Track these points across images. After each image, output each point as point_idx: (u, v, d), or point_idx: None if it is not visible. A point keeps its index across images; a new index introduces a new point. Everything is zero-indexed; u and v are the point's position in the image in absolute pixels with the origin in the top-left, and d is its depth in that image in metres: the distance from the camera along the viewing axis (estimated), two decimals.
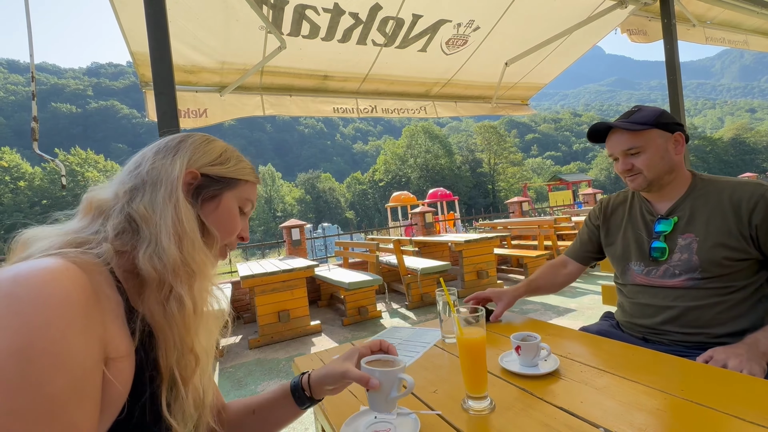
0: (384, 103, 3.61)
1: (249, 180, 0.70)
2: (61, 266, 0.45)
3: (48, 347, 0.39)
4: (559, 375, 0.81)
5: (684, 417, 0.62)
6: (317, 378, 0.71)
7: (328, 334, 4.01)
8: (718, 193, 1.08)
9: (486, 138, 53.94)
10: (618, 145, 1.14)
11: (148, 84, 2.67)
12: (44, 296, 0.41)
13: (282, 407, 0.73)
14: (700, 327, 1.04)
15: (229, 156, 0.68)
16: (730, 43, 3.83)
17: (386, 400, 0.65)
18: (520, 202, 7.94)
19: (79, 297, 0.44)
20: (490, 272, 5.17)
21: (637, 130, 1.10)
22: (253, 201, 0.71)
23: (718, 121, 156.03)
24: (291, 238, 5.88)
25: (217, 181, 0.65)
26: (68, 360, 0.40)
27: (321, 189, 58.85)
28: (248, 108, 3.12)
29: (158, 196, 0.57)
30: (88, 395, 0.42)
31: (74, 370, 0.41)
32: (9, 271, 0.43)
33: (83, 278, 0.46)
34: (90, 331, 0.44)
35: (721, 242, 1.03)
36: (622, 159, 1.15)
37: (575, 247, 1.41)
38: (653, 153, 1.10)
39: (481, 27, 2.91)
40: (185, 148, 0.64)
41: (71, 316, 0.42)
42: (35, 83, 1.61)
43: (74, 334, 0.42)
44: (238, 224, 0.68)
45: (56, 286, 0.42)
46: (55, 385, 0.39)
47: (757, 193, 1.02)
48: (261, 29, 2.47)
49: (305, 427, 2.21)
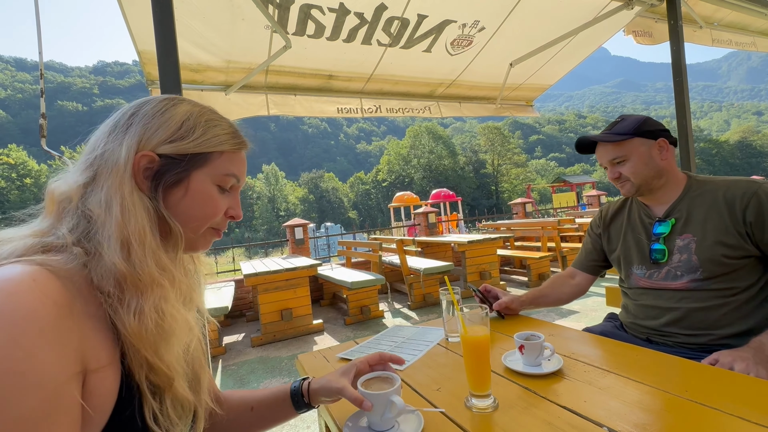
0: (388, 103, 3.62)
1: (225, 150, 0.57)
2: (29, 275, 0.41)
3: (13, 366, 0.36)
4: (563, 374, 0.81)
5: (688, 417, 0.62)
6: (316, 387, 0.72)
7: (330, 333, 4.02)
8: (713, 193, 1.09)
9: (490, 139, 53.83)
10: (603, 156, 1.20)
11: (154, 82, 2.69)
12: (8, 311, 0.38)
13: (280, 408, 0.74)
14: (705, 329, 1.04)
15: (193, 124, 0.55)
16: (738, 45, 3.81)
17: (381, 419, 0.66)
18: (524, 203, 7.91)
19: (47, 309, 0.40)
20: (493, 273, 5.16)
21: (618, 141, 1.15)
22: (237, 174, 0.59)
23: (724, 123, 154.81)
24: (294, 237, 5.89)
25: (178, 160, 0.53)
26: (37, 378, 0.37)
27: (324, 189, 58.96)
28: (253, 107, 3.14)
29: (105, 191, 0.49)
30: (64, 411, 0.39)
31: (45, 387, 0.38)
32: None
33: (54, 285, 0.42)
34: (62, 344, 0.40)
35: (718, 240, 1.04)
36: (609, 168, 1.21)
37: (581, 258, 1.42)
38: (637, 160, 1.14)
39: (486, 27, 2.91)
40: (136, 123, 0.53)
41: (38, 331, 0.38)
42: (44, 81, 1.63)
43: (43, 349, 0.38)
44: (219, 206, 0.57)
45: (22, 298, 0.39)
46: (24, 406, 0.36)
47: (750, 190, 1.04)
48: (266, 28, 2.48)
49: (307, 425, 2.22)
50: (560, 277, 1.42)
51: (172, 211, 0.54)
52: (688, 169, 2.71)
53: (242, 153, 0.61)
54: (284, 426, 2.24)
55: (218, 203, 0.57)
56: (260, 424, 0.74)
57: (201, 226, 0.57)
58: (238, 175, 0.60)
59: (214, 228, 0.59)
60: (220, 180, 0.57)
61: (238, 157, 0.60)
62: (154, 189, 0.52)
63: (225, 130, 0.58)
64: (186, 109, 0.57)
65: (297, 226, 5.93)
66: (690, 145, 2.66)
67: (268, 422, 0.74)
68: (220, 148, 0.57)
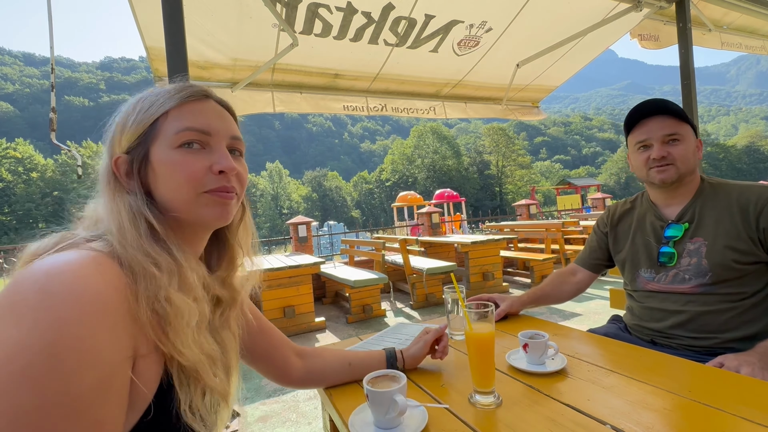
0: (394, 103, 3.62)
1: (168, 109, 0.54)
2: (92, 259, 0.44)
3: (77, 344, 0.39)
4: (567, 373, 0.82)
5: (691, 417, 0.62)
6: (410, 353, 0.90)
7: (332, 331, 4.03)
8: (726, 196, 1.08)
9: (494, 140, 53.69)
10: (661, 128, 1.10)
11: (161, 78, 2.71)
12: (77, 292, 0.40)
13: (375, 367, 0.85)
14: (710, 332, 1.04)
15: (139, 106, 0.55)
16: (747, 49, 3.78)
17: (384, 418, 0.66)
18: (528, 204, 7.89)
19: (110, 292, 0.43)
20: (496, 274, 5.15)
21: (681, 120, 1.10)
22: (191, 125, 0.54)
23: (732, 128, 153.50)
24: (297, 235, 5.91)
25: (136, 145, 0.54)
26: (96, 357, 0.40)
27: (327, 187, 59.05)
28: (259, 105, 3.15)
29: (102, 200, 0.54)
30: (115, 393, 0.42)
31: (102, 367, 0.40)
32: (43, 264, 0.42)
33: (115, 271, 0.45)
34: (120, 328, 0.43)
35: (729, 245, 1.03)
36: (658, 146, 1.10)
37: (584, 255, 1.40)
38: (688, 146, 1.10)
39: (493, 28, 2.91)
40: (108, 131, 0.56)
41: (102, 313, 0.41)
42: (54, 75, 1.65)
43: (104, 331, 0.41)
44: (190, 167, 0.54)
45: (89, 281, 0.42)
46: (82, 383, 0.38)
47: (765, 195, 1.02)
48: (274, 27, 2.49)
49: (308, 422, 2.23)
50: (561, 274, 1.40)
51: (158, 195, 0.54)
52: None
53: (194, 103, 0.56)
54: (286, 422, 2.25)
55: (188, 165, 0.53)
56: (354, 378, 0.88)
57: (186, 195, 0.54)
58: (195, 126, 0.55)
59: (208, 191, 0.55)
60: (175, 141, 0.54)
61: (189, 109, 0.55)
62: (133, 183, 0.54)
63: (166, 92, 0.56)
64: (137, 96, 0.57)
65: (300, 224, 5.95)
66: None
67: (361, 377, 0.80)
68: (162, 109, 0.54)
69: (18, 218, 41.40)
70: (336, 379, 0.87)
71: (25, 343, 0.37)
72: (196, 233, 0.59)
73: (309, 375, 0.85)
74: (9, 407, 0.35)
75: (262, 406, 2.47)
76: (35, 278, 0.41)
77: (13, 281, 0.42)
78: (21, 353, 0.37)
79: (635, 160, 1.19)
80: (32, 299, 0.39)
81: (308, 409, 2.38)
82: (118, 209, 0.51)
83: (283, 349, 0.83)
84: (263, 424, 2.25)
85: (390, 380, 0.72)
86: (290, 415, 2.32)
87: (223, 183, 0.56)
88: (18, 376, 0.36)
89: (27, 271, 0.42)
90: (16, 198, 41.69)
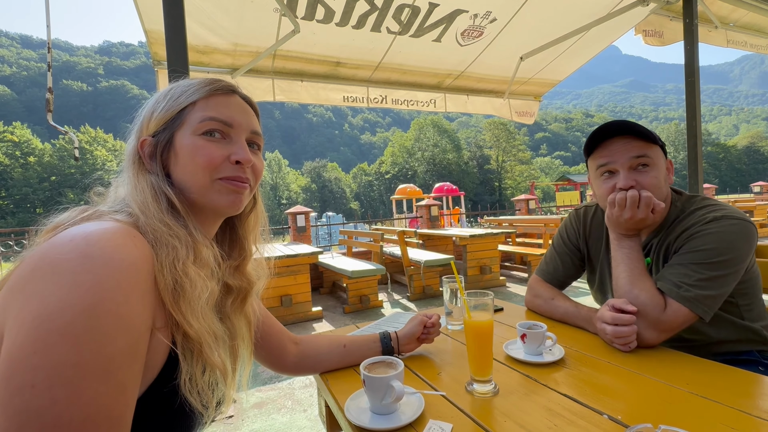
0: (395, 94, 3.59)
1: (196, 99, 0.58)
2: (125, 230, 0.47)
3: (114, 309, 0.41)
4: (564, 364, 0.82)
5: (688, 409, 0.62)
6: (403, 334, 0.91)
7: (329, 321, 4.05)
8: (680, 229, 0.95)
9: (495, 135, 53.49)
10: (627, 150, 0.94)
11: (160, 63, 2.67)
12: (117, 259, 0.43)
13: (369, 349, 0.88)
14: (694, 333, 0.97)
15: (170, 94, 0.60)
16: (753, 48, 3.75)
17: (381, 404, 0.66)
18: (527, 200, 7.89)
19: (142, 262, 0.46)
20: (494, 268, 5.17)
21: (649, 141, 0.94)
22: (216, 116, 0.58)
23: (733, 128, 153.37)
24: (296, 225, 5.90)
25: (164, 130, 0.58)
26: (129, 323, 0.42)
27: (327, 178, 58.88)
28: (258, 92, 3.12)
29: (125, 178, 0.58)
30: (139, 359, 0.44)
31: (132, 333, 0.42)
32: (80, 230, 0.44)
33: (144, 243, 0.48)
34: (147, 298, 0.46)
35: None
36: (625, 173, 0.94)
37: (558, 275, 1.20)
38: (659, 172, 0.95)
39: (498, 19, 2.87)
40: (139, 116, 0.61)
41: (136, 281, 0.44)
42: (51, 55, 1.62)
43: (136, 298, 0.44)
44: (210, 153, 0.57)
45: (127, 250, 0.44)
46: (116, 346, 0.40)
47: (689, 232, 0.92)
48: (275, 12, 2.45)
49: (304, 409, 2.24)
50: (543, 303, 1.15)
51: (176, 177, 0.58)
52: (695, 172, 2.68)
53: (220, 96, 0.60)
54: (281, 408, 2.27)
55: (208, 151, 0.57)
56: (348, 360, 0.88)
57: (202, 179, 0.57)
58: (219, 117, 0.58)
59: (223, 178, 0.58)
60: (199, 128, 0.57)
61: (215, 101, 0.59)
62: (158, 165, 0.58)
63: (196, 84, 0.60)
64: (169, 86, 0.62)
65: (299, 214, 5.94)
66: (698, 147, 2.64)
67: (356, 359, 0.86)
68: (191, 99, 0.58)
69: (15, 203, 41.23)
70: (331, 363, 0.87)
71: (68, 302, 0.39)
72: (208, 217, 0.62)
73: (303, 360, 0.86)
74: (48, 362, 0.37)
75: (258, 392, 2.48)
76: (75, 243, 0.42)
77: (48, 245, 0.43)
78: (63, 311, 0.38)
79: (598, 188, 1.02)
80: (74, 262, 0.41)
81: (304, 396, 2.40)
82: (142, 187, 0.55)
83: (280, 336, 0.84)
84: (258, 411, 2.26)
85: (387, 366, 0.72)
86: (286, 402, 2.34)
87: (239, 173, 0.59)
88: (59, 333, 0.37)
89: (64, 236, 0.43)
90: (14, 182, 41.45)
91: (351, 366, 0.88)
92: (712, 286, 0.86)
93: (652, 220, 0.95)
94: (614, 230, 1.00)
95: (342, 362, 0.88)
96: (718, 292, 0.86)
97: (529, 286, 1.25)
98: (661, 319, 0.86)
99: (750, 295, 0.97)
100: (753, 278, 0.97)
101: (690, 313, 0.85)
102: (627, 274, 0.93)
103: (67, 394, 0.37)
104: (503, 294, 4.81)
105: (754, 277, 0.98)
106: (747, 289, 0.96)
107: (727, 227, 0.88)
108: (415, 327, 0.91)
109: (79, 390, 0.37)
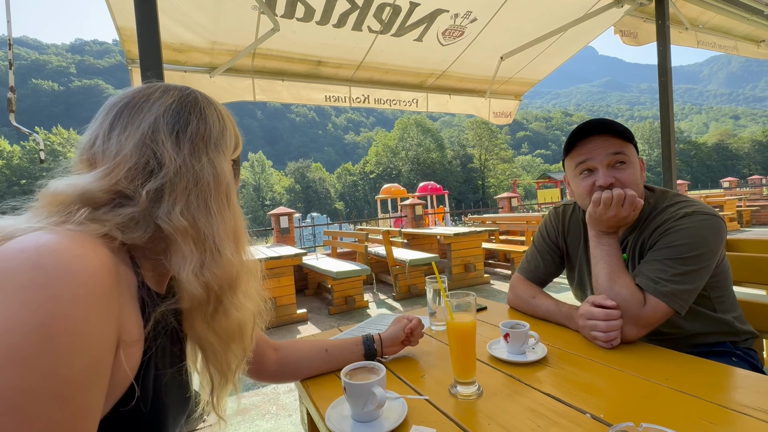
0: (377, 93, 3.57)
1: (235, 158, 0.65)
2: (87, 240, 0.42)
3: (71, 326, 0.37)
4: (547, 363, 0.82)
5: (669, 404, 0.63)
6: (386, 336, 0.89)
7: (314, 323, 4.00)
8: (654, 225, 0.97)
9: (477, 134, 54.11)
10: (605, 147, 0.96)
11: (134, 61, 2.58)
12: (73, 272, 0.38)
13: (351, 353, 0.87)
14: (670, 327, 1.00)
15: (231, 129, 0.63)
16: (721, 48, 3.89)
17: (362, 411, 0.64)
18: (509, 198, 8.01)
19: (104, 275, 0.41)
20: (478, 266, 5.22)
21: (624, 140, 0.97)
22: None
23: (703, 126, 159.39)
24: (279, 226, 5.82)
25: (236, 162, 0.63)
26: (87, 341, 0.38)
27: (311, 179, 58.42)
28: (238, 92, 3.05)
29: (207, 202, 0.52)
30: (101, 378, 0.40)
31: (92, 351, 0.39)
32: (28, 240, 0.39)
33: (107, 253, 0.44)
34: (110, 312, 0.42)
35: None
36: (604, 171, 0.96)
37: (539, 273, 1.21)
38: (635, 170, 0.98)
39: (478, 19, 2.89)
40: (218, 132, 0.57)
41: (96, 295, 0.40)
42: (12, 51, 1.53)
43: (96, 314, 0.40)
44: None
45: (85, 261, 0.40)
46: (73, 367, 0.37)
47: (662, 228, 0.94)
48: (254, 9, 2.40)
49: (288, 413, 2.21)
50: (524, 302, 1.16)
51: None
52: (669, 169, 2.76)
53: None
54: (265, 414, 2.22)
55: None
56: (330, 365, 0.86)
57: None
58: None
59: None
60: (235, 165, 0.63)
61: None
62: None
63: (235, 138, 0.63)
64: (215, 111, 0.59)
65: (282, 215, 5.86)
66: (672, 144, 2.72)
67: (338, 363, 0.84)
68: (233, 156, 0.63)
69: None
70: (312, 369, 0.85)
71: (17, 321, 0.35)
72: None
73: (284, 366, 0.83)
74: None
75: (242, 399, 2.43)
76: (26, 254, 0.38)
77: None
78: (11, 331, 0.35)
79: (577, 186, 1.03)
80: (24, 276, 0.37)
81: (288, 401, 2.36)
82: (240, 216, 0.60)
83: (259, 342, 0.81)
84: (242, 417, 2.21)
85: (368, 372, 0.70)
86: (270, 408, 2.30)
87: None
88: (6, 357, 0.34)
89: (13, 246, 0.39)
90: None
91: (334, 371, 0.86)
92: (687, 280, 0.88)
93: (633, 218, 0.96)
94: (594, 227, 1.01)
95: (324, 367, 0.86)
96: (692, 287, 0.88)
97: (510, 285, 1.25)
98: (641, 314, 0.87)
99: (721, 287, 1.00)
100: (724, 271, 1.00)
101: (668, 307, 0.87)
102: (607, 270, 0.94)
103: (15, 422, 0.33)
104: (487, 291, 4.86)
105: (725, 270, 1.01)
106: (718, 282, 0.98)
107: (698, 222, 0.90)
108: (398, 330, 0.90)
109: (30, 417, 0.34)
